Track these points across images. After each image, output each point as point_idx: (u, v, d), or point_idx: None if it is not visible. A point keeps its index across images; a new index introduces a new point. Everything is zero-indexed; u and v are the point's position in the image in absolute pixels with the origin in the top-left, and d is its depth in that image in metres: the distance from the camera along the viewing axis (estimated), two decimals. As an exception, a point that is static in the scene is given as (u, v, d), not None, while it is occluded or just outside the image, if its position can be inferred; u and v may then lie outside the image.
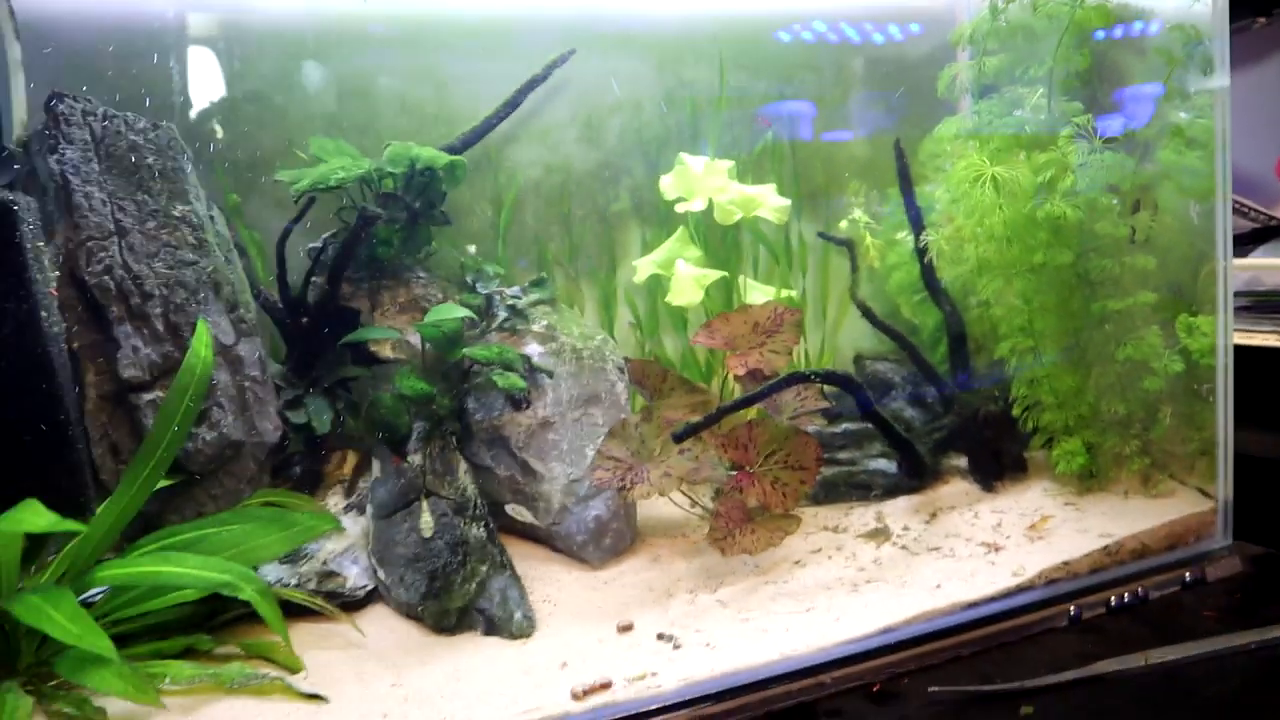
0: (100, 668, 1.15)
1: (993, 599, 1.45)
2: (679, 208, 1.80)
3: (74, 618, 1.06)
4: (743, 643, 1.33)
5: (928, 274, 1.84)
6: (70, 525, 1.01)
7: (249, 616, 1.36)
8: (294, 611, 1.37)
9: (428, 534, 1.36)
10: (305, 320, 1.58)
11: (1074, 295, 1.71)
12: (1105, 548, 1.56)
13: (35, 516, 1.03)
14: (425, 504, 1.36)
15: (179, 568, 1.24)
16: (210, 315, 1.46)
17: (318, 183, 1.47)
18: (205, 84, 1.69)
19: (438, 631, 1.38)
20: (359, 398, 1.58)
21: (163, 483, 1.38)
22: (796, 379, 1.50)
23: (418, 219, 1.63)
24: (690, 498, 1.69)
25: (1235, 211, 2.27)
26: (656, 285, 1.95)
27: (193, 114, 1.67)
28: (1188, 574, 1.57)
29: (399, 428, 1.33)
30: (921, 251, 1.83)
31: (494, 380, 1.40)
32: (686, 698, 1.22)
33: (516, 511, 1.43)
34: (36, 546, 1.31)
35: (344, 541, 1.45)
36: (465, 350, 1.39)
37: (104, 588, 1.31)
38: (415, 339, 1.55)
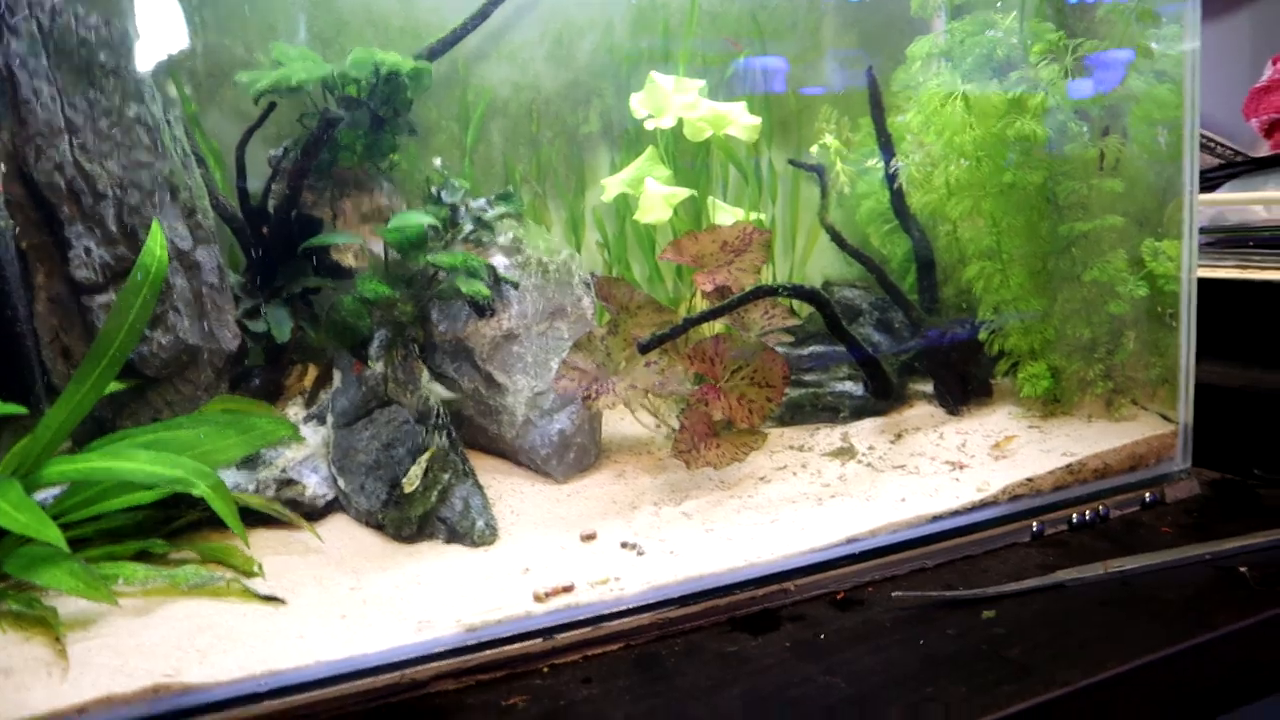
0: (51, 566, 1.12)
1: (957, 513, 1.45)
2: (649, 124, 1.77)
3: (20, 506, 1.03)
4: (707, 551, 1.32)
5: (897, 200, 1.83)
6: (11, 409, 0.97)
7: (204, 523, 1.33)
8: (252, 520, 1.34)
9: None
10: (265, 229, 1.54)
11: (1042, 219, 1.70)
12: (1068, 466, 1.56)
13: (-25, 399, 0.99)
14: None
15: (131, 463, 1.20)
16: (166, 219, 1.42)
17: (278, 83, 1.43)
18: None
19: (399, 540, 1.36)
20: (320, 309, 1.54)
21: (116, 386, 1.35)
22: (764, 292, 1.48)
23: (382, 126, 1.58)
24: (656, 416, 1.67)
25: (1203, 148, 2.28)
26: (625, 209, 1.92)
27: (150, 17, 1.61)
28: (1147, 494, 1.58)
29: (359, 330, 1.30)
30: (891, 178, 1.81)
31: (458, 286, 1.37)
32: (650, 601, 1.21)
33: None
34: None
35: (303, 451, 1.42)
36: (429, 256, 1.36)
37: (54, 491, 1.28)
38: (378, 247, 1.51)
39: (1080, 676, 1.05)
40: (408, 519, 1.34)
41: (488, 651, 1.11)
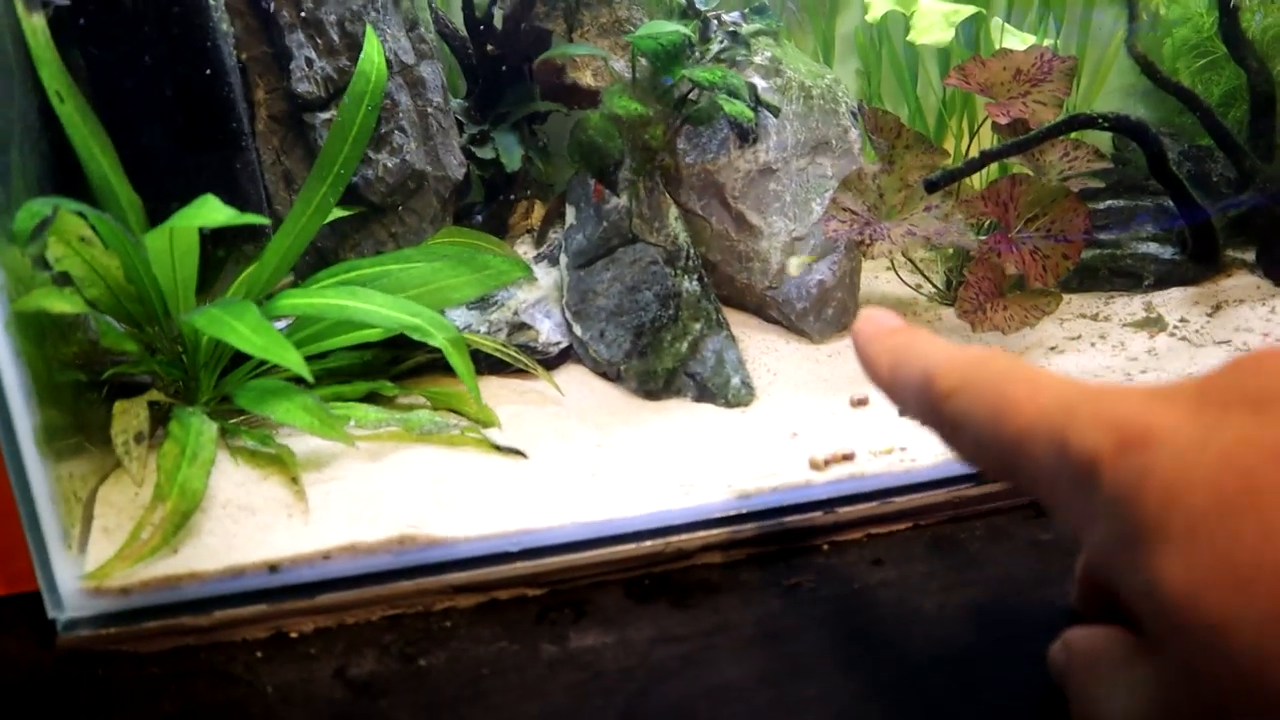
0: (286, 400, 1.06)
1: (1305, 400, 1.22)
2: (929, -77, 1.53)
3: (258, 329, 0.96)
4: (1002, 425, 1.15)
5: (1229, 22, 1.54)
6: (253, 218, 0.89)
7: (431, 366, 1.25)
8: (483, 364, 1.26)
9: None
10: (490, 46, 1.41)
11: None
12: None
13: (212, 211, 0.91)
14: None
15: (366, 304, 1.12)
16: (389, 28, 1.31)
17: None
18: None
19: (642, 395, 1.25)
20: (546, 139, 1.42)
21: (340, 213, 1.27)
22: (1082, 121, 1.26)
23: (625, -79, 1.41)
24: (921, 272, 1.49)
25: None
26: (883, 35, 1.71)
27: None
28: None
29: (610, 153, 1.16)
30: (1226, -5, 1.52)
31: (719, 106, 1.21)
32: (944, 475, 1.05)
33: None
34: (207, 280, 1.23)
35: (535, 292, 1.31)
36: (685, 71, 1.21)
37: (280, 325, 1.22)
38: (620, 65, 1.36)
39: None
40: (653, 371, 1.22)
41: (762, 522, 0.99)
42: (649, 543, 0.96)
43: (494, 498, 1.02)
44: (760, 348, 1.37)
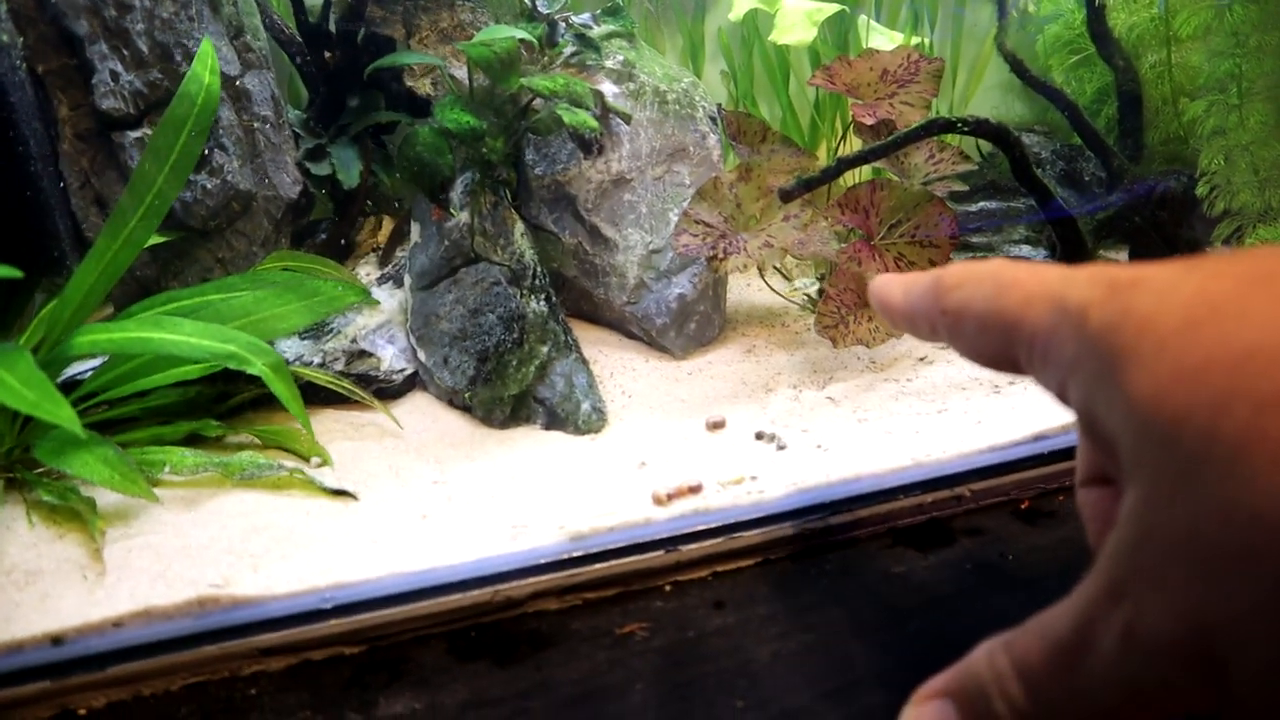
0: (83, 452, 0.98)
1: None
2: (789, -81, 1.49)
3: (30, 382, 0.88)
4: (862, 446, 1.12)
5: (1096, 20, 1.53)
6: (5, 271, 0.81)
7: (264, 401, 1.19)
8: (319, 398, 1.19)
9: None
10: (327, 54, 1.34)
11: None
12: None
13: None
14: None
15: (173, 334, 1.04)
16: (208, 36, 1.23)
17: None
18: None
19: (489, 423, 1.19)
20: (395, 150, 1.35)
21: (156, 239, 1.19)
22: (940, 125, 1.23)
23: (463, -80, 1.35)
24: (790, 281, 1.45)
25: None
26: (754, 34, 1.67)
27: None
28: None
29: (440, 170, 1.10)
30: (1091, -9, 1.51)
31: (559, 117, 1.16)
32: (794, 507, 1.01)
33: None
34: (9, 316, 1.15)
35: (378, 316, 1.25)
36: (523, 80, 1.15)
37: (95, 362, 1.14)
38: (461, 73, 1.30)
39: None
40: (499, 399, 1.17)
41: (598, 565, 0.94)
42: (475, 592, 0.91)
43: (314, 548, 0.96)
44: (617, 367, 1.32)
